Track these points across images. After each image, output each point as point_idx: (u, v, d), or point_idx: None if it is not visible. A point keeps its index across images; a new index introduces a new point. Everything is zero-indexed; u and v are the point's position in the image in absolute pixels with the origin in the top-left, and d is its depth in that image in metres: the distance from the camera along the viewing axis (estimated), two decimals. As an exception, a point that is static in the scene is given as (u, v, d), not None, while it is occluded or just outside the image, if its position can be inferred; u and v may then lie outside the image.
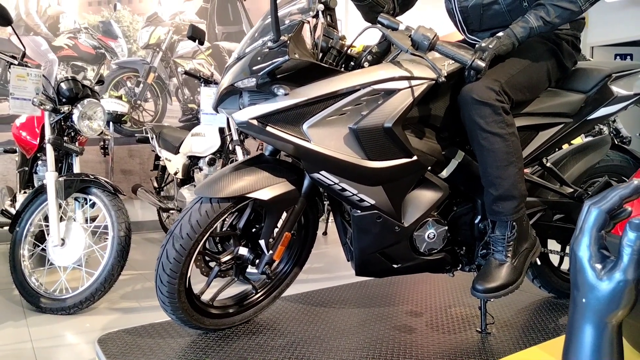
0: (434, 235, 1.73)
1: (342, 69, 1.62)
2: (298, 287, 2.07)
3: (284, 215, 1.67)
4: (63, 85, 2.67)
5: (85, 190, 2.52)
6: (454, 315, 1.98)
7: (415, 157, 1.59)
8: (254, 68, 1.44)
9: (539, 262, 2.02)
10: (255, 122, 1.48)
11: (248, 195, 1.54)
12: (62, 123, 2.70)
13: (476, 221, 1.79)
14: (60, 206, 2.51)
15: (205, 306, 1.73)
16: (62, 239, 2.47)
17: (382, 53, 1.60)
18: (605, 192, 0.61)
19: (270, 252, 1.66)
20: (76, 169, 2.69)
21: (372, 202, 1.61)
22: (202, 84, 3.14)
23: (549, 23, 1.56)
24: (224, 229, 1.72)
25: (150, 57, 4.58)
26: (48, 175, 2.49)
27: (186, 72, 3.22)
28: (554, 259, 2.15)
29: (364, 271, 1.76)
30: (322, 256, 3.54)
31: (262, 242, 1.64)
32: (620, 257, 0.56)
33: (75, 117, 2.62)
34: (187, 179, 3.65)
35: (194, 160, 3.55)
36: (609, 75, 1.81)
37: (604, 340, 0.57)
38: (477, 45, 1.59)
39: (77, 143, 2.77)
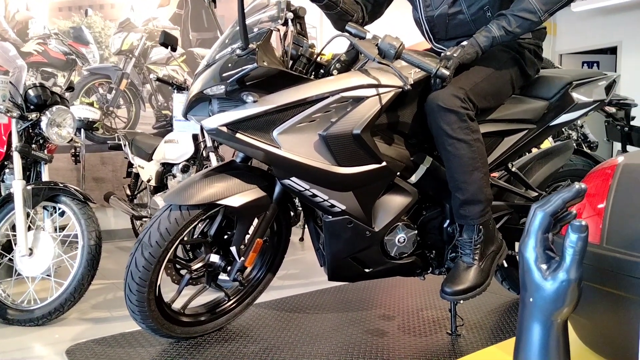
0: (404, 240, 1.76)
1: (312, 77, 1.64)
2: (272, 293, 2.07)
3: (256, 221, 1.68)
4: (31, 92, 2.62)
5: (54, 198, 2.47)
6: (425, 318, 2.01)
7: (384, 163, 1.62)
8: (223, 75, 1.45)
9: (506, 265, 2.07)
10: (224, 129, 1.49)
11: (218, 202, 1.54)
12: (30, 130, 2.64)
13: (445, 225, 1.83)
14: (28, 215, 2.46)
15: (176, 314, 1.72)
16: (30, 249, 2.42)
17: (351, 61, 1.63)
18: (550, 196, 0.64)
19: (242, 259, 1.66)
20: (45, 177, 2.64)
21: (343, 207, 1.63)
22: (175, 91, 3.13)
23: (510, 32, 1.61)
24: (194, 236, 1.71)
25: (123, 64, 4.53)
26: (15, 183, 2.44)
27: (158, 79, 3.20)
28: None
29: (337, 276, 1.78)
30: (298, 262, 3.54)
31: (233, 249, 1.65)
32: (563, 258, 0.59)
33: (43, 125, 2.58)
34: (161, 186, 3.61)
35: (167, 167, 3.52)
36: (569, 83, 1.87)
37: (550, 338, 0.60)
38: (442, 54, 1.63)
39: (45, 151, 2.72)
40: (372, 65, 1.60)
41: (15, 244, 2.42)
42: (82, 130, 4.10)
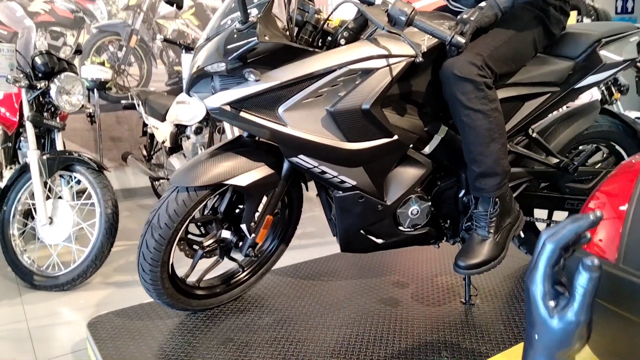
0: (418, 212, 1.72)
1: (318, 47, 1.55)
2: (289, 255, 2.08)
3: (265, 198, 1.65)
4: (37, 60, 2.58)
5: (69, 167, 2.49)
6: (440, 285, 2.00)
7: (395, 137, 1.55)
8: (223, 52, 1.38)
9: (522, 235, 2.03)
10: (228, 107, 1.43)
11: (225, 182, 1.51)
12: (41, 99, 2.63)
13: (460, 195, 1.78)
14: (45, 184, 2.49)
15: (191, 288, 1.74)
16: (50, 217, 2.47)
17: (359, 29, 1.53)
18: (561, 224, 0.59)
19: (253, 235, 1.66)
20: (59, 145, 2.65)
21: (353, 183, 1.59)
22: (183, 51, 3.04)
23: None
24: (205, 213, 1.70)
25: (132, 19, 4.41)
26: (30, 154, 2.46)
27: (165, 40, 3.11)
28: (540, 225, 2.15)
29: (349, 248, 1.77)
30: (315, 220, 3.55)
31: (243, 227, 1.64)
32: (572, 297, 0.55)
33: (53, 93, 2.56)
34: (176, 147, 3.60)
35: (181, 128, 3.50)
36: (597, 40, 1.74)
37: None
38: (458, 17, 1.51)
39: (57, 118, 2.71)
40: (381, 33, 1.50)
41: (35, 213, 2.47)
42: (95, 90, 4.06)
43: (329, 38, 1.57)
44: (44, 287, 2.43)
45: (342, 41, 1.50)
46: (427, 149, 1.69)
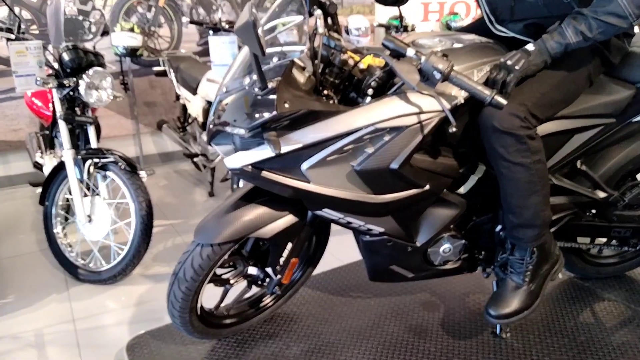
0: (450, 250, 1.66)
1: (344, 89, 1.43)
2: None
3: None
4: (65, 56, 2.54)
5: (103, 167, 2.52)
6: (471, 308, 1.97)
7: (427, 187, 1.46)
8: (242, 117, 1.30)
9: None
10: (249, 168, 1.37)
11: (250, 236, 1.49)
12: (71, 94, 2.61)
13: (497, 229, 1.69)
14: (82, 181, 2.54)
15: (221, 318, 1.79)
16: (89, 216, 2.54)
17: (388, 77, 1.39)
18: None
19: (279, 276, 1.65)
20: (92, 140, 2.66)
21: (381, 230, 1.53)
22: (210, 32, 2.91)
23: (589, 39, 1.29)
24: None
25: (159, -22, 4.22)
26: (65, 154, 2.49)
27: (192, 22, 2.97)
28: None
29: (378, 279, 1.75)
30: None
31: (269, 270, 1.63)
32: None
33: (82, 90, 2.53)
34: (208, 122, 3.56)
35: (212, 104, 3.43)
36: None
37: None
38: (501, 61, 1.35)
39: (89, 112, 2.70)
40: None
41: (74, 208, 2.55)
42: (127, 57, 4.01)
43: (354, 77, 1.44)
44: (88, 280, 2.56)
45: (370, 91, 1.38)
46: (463, 189, 1.59)
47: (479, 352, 1.72)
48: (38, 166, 3.30)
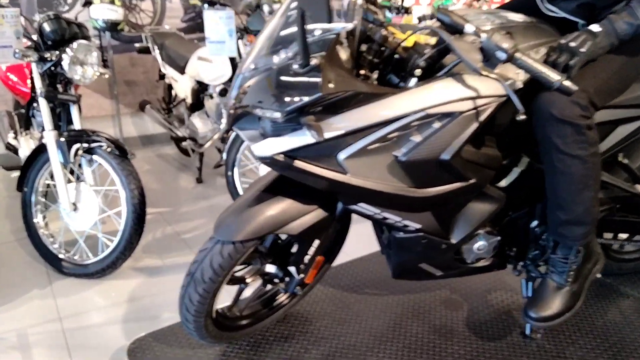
0: (484, 247, 1.54)
1: (384, 68, 1.28)
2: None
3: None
4: (46, 27, 2.28)
5: (89, 150, 2.30)
6: (496, 306, 1.88)
7: (472, 180, 1.33)
8: (272, 99, 1.13)
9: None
10: (281, 157, 1.21)
11: (276, 233, 1.33)
12: (53, 69, 2.36)
13: (532, 225, 1.59)
14: (66, 166, 2.31)
15: (234, 320, 1.63)
16: (74, 204, 2.33)
17: (438, 57, 1.24)
18: None
19: (302, 276, 1.50)
20: (75, 120, 2.43)
21: (418, 226, 1.40)
22: (205, 6, 2.69)
23: None
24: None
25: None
26: (47, 135, 2.25)
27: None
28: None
29: (403, 277, 1.62)
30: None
31: (292, 269, 1.48)
32: None
33: (65, 65, 2.28)
34: (198, 103, 3.34)
35: (203, 84, 3.22)
36: None
37: None
38: (562, 43, 1.22)
39: (72, 89, 2.46)
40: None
41: (57, 195, 2.33)
42: (106, 32, 3.72)
43: (395, 56, 1.29)
44: (73, 274, 2.35)
45: (417, 72, 1.23)
46: (504, 182, 1.47)
47: (510, 355, 1.62)
48: (11, 148, 3.03)
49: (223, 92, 3.02)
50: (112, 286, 2.29)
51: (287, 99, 1.11)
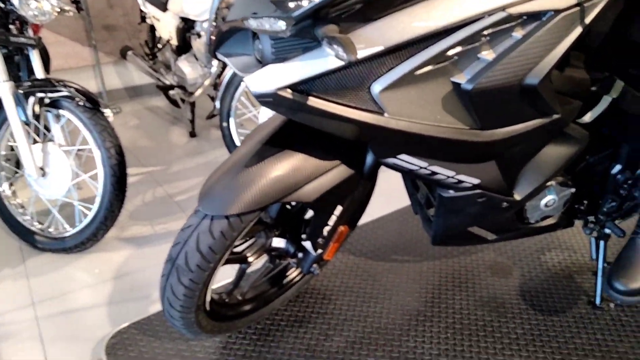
0: (554, 202, 1.19)
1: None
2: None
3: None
4: (-17, -50, 1.84)
5: (55, 103, 1.92)
6: (553, 269, 1.55)
7: (556, 115, 0.95)
8: (280, 2, 0.73)
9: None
10: (288, 93, 0.82)
11: (286, 200, 0.97)
12: (2, 6, 1.94)
13: (613, 171, 1.23)
14: (28, 123, 1.94)
15: (235, 307, 1.30)
16: (41, 168, 1.97)
17: None
18: None
19: (320, 251, 1.15)
20: (37, 68, 2.02)
21: (476, 182, 1.04)
22: None
23: None
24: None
25: None
26: (1, 87, 1.86)
27: None
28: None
29: (445, 243, 1.28)
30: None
31: (307, 244, 1.13)
32: None
33: (15, 0, 1.86)
34: (184, 45, 2.91)
35: (189, 22, 2.78)
36: None
37: None
38: None
39: (29, 31, 2.04)
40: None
41: (21, 160, 1.97)
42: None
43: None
44: (48, 249, 2.03)
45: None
46: (589, 117, 1.10)
47: (580, 332, 1.30)
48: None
49: (211, 29, 2.58)
50: (93, 261, 1.97)
51: (295, 4, 0.72)
